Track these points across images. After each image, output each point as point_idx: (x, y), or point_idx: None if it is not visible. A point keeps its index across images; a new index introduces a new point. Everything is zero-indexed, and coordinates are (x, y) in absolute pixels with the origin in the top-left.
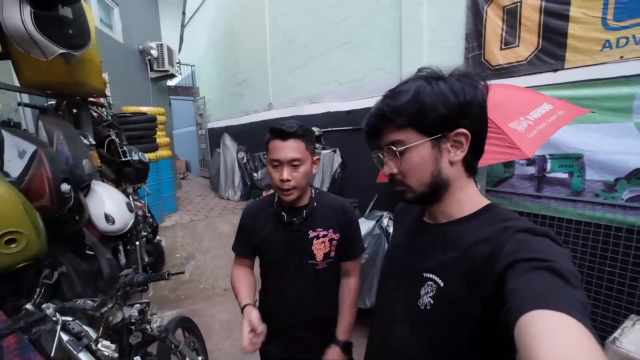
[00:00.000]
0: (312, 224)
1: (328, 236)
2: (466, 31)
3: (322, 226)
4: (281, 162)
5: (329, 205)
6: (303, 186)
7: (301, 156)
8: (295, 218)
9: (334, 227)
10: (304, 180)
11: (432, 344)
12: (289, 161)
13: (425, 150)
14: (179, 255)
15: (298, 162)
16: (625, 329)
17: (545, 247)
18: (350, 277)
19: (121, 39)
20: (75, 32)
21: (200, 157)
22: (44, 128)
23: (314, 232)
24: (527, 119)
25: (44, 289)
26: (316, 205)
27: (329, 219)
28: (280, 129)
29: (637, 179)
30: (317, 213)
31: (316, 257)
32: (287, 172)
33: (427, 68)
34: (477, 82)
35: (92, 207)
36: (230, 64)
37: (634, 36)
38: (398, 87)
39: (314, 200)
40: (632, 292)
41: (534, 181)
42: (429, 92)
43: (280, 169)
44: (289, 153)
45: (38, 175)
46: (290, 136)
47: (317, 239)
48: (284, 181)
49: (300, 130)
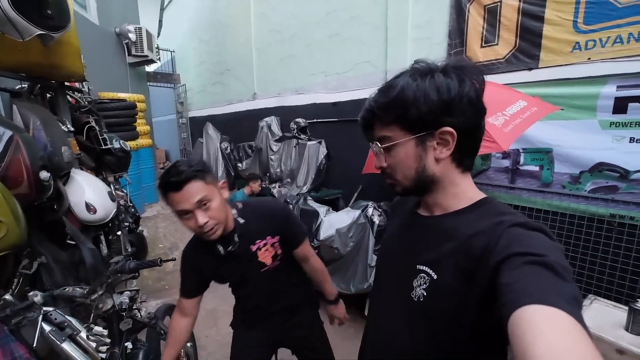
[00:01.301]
0: (248, 240)
1: (268, 243)
2: (449, 28)
3: (258, 237)
4: (189, 211)
5: (255, 214)
6: (223, 218)
7: (205, 193)
8: (231, 246)
9: (270, 232)
10: (221, 213)
11: (425, 336)
12: (196, 205)
13: (410, 147)
14: (162, 246)
15: (205, 201)
16: (584, 307)
17: (539, 242)
18: (308, 259)
19: (97, 21)
20: (54, 13)
21: (181, 147)
22: (18, 113)
23: (254, 246)
24: (503, 115)
25: (22, 278)
26: (243, 223)
27: (262, 228)
28: (169, 182)
29: (598, 172)
30: (248, 228)
31: (266, 263)
32: (201, 216)
33: (422, 61)
34: (466, 76)
35: (72, 196)
36: (214, 52)
37: (600, 39)
38: (390, 81)
39: (239, 218)
40: (590, 274)
41: (508, 173)
42: (413, 89)
43: (192, 218)
44: (191, 199)
45: (15, 162)
46: (182, 184)
47: (260, 250)
48: (203, 226)
49: (190, 172)
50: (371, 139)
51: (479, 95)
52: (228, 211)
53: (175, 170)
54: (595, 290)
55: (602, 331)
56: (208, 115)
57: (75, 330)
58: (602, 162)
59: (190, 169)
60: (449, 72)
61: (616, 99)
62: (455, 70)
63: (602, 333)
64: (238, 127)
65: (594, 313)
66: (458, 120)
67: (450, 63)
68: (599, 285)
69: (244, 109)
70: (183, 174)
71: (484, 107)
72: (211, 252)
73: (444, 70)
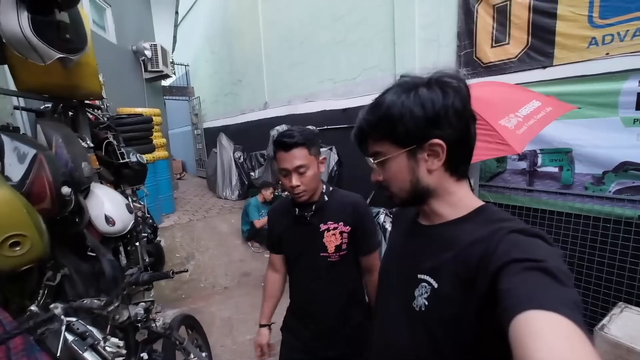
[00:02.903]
0: (322, 218)
1: (339, 229)
2: (458, 29)
3: (332, 219)
4: (288, 171)
5: (340, 200)
6: (312, 188)
7: (305, 162)
8: (306, 212)
9: (344, 220)
10: (312, 183)
11: (427, 345)
12: (295, 169)
13: (402, 161)
14: (178, 255)
15: (303, 168)
16: (614, 316)
17: (537, 248)
18: (372, 273)
19: (114, 40)
20: (73, 36)
21: (197, 157)
22: (42, 132)
23: (325, 225)
24: (516, 116)
25: (47, 290)
26: (327, 200)
27: (340, 213)
28: (281, 141)
29: (623, 172)
30: (328, 207)
31: (328, 249)
32: (295, 179)
33: (407, 76)
34: (450, 88)
35: (92, 209)
36: (225, 63)
37: (618, 33)
38: (377, 99)
39: (325, 195)
40: (620, 280)
41: (525, 175)
42: (398, 107)
43: (288, 177)
44: (293, 162)
45: (39, 179)
46: (291, 146)
47: (328, 232)
48: (294, 187)
49: (300, 139)
50: (366, 153)
51: (466, 103)
52: (319, 184)
53: (289, 134)
54: (626, 297)
55: (633, 341)
56: (221, 126)
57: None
58: (626, 161)
59: (300, 137)
60: (433, 86)
61: (639, 95)
62: (439, 83)
63: (634, 343)
64: (250, 136)
65: (624, 322)
66: (446, 132)
67: (434, 76)
68: (629, 292)
69: (256, 118)
70: (294, 139)
71: (472, 114)
72: (290, 214)
73: (428, 83)
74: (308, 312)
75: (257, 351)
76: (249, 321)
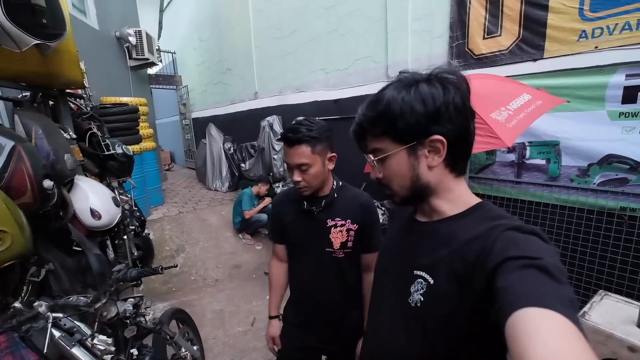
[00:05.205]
0: (330, 213)
1: (346, 226)
2: (450, 20)
3: (340, 216)
4: (291, 166)
5: (349, 198)
6: (315, 185)
7: (307, 161)
8: (314, 207)
9: (352, 217)
10: (314, 180)
11: (422, 342)
12: (296, 165)
13: (402, 157)
14: (168, 248)
15: (305, 166)
16: (594, 303)
17: (534, 245)
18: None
19: (96, 25)
20: (50, 21)
21: (185, 148)
22: (20, 122)
23: (332, 221)
24: (507, 109)
25: (31, 286)
26: (336, 197)
27: (348, 210)
28: (286, 136)
29: (607, 164)
30: (337, 204)
31: (333, 245)
32: (297, 174)
33: (407, 72)
34: (450, 84)
35: (76, 203)
36: (214, 52)
37: (608, 27)
38: (377, 94)
39: (335, 191)
40: (601, 269)
41: (514, 167)
42: (399, 103)
43: (292, 171)
44: (295, 159)
45: (18, 172)
46: (295, 143)
47: (335, 228)
48: (297, 182)
49: (304, 136)
50: (365, 150)
51: (465, 100)
52: (329, 180)
53: (295, 128)
54: (606, 285)
55: (612, 328)
56: (210, 116)
57: (85, 336)
58: (611, 154)
59: (305, 133)
60: (433, 81)
61: (625, 89)
62: (439, 79)
63: (613, 330)
64: (240, 127)
65: (604, 309)
66: (446, 128)
67: (434, 72)
68: (609, 281)
69: (246, 108)
70: (297, 135)
71: (472, 110)
72: (297, 204)
73: (428, 79)
74: (308, 304)
75: (270, 343)
76: (240, 313)
